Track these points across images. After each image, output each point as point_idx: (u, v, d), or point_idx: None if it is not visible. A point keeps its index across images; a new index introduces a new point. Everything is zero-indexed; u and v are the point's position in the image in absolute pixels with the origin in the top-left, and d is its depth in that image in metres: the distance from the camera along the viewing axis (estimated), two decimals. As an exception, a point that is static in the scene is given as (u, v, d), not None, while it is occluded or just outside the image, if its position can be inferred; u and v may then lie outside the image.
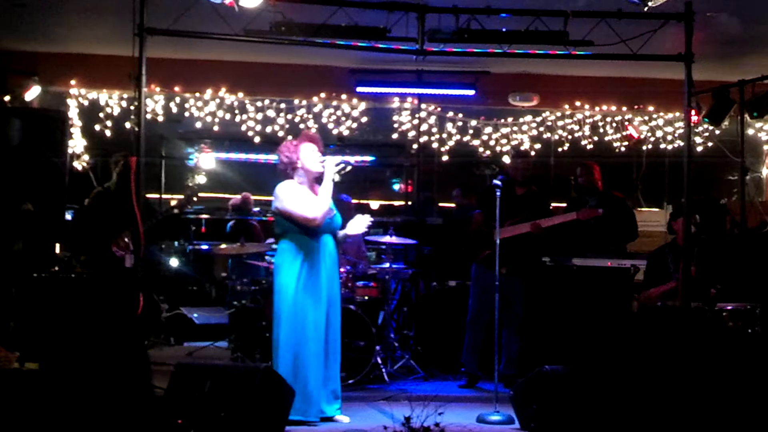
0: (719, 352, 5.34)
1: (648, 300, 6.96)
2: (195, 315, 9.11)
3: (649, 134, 9.72)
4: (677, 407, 4.86)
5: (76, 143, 9.03)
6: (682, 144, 7.37)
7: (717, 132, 8.93)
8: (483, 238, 7.10)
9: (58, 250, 7.69)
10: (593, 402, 5.07)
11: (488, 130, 9.68)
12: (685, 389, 4.92)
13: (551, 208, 7.61)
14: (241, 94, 9.22)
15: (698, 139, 9.34)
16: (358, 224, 6.00)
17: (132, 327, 5.76)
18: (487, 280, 6.82)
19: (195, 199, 7.47)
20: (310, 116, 9.36)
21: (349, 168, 5.77)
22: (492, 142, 9.65)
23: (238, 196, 9.66)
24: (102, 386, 5.00)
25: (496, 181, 6.14)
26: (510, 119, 9.71)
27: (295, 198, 5.65)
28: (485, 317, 6.98)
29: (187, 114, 9.25)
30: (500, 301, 6.04)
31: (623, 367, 5.22)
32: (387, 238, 7.59)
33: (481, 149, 9.66)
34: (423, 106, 9.52)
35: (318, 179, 5.75)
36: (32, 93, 8.20)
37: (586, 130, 9.68)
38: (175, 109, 9.22)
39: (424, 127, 9.56)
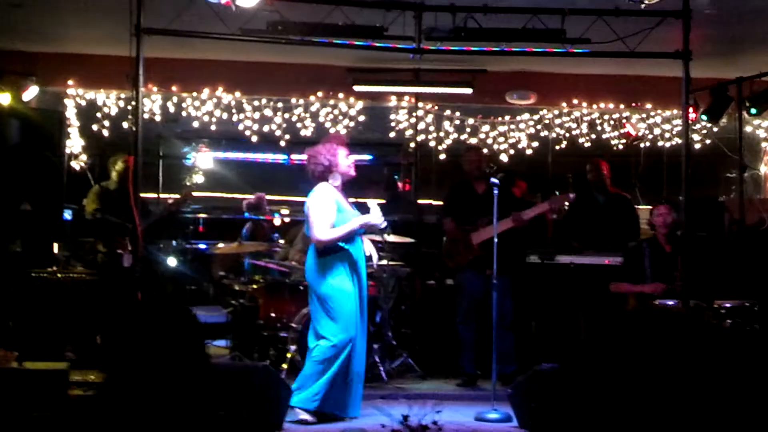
0: (717, 350, 5.33)
1: (619, 292, 6.89)
2: (193, 314, 9.08)
3: (647, 132, 9.71)
4: (677, 405, 4.86)
5: (74, 143, 9.02)
6: (680, 141, 7.38)
7: (715, 129, 8.92)
8: (462, 243, 7.07)
9: (56, 250, 7.70)
10: (592, 400, 5.07)
11: (486, 128, 9.67)
12: (684, 387, 4.92)
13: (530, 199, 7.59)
14: (238, 94, 9.21)
15: (696, 137, 9.32)
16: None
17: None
18: (475, 284, 6.82)
19: (192, 195, 7.46)
20: (308, 115, 9.35)
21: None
22: (489, 141, 9.64)
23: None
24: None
25: (494, 180, 6.12)
26: (507, 117, 9.70)
27: (322, 210, 5.74)
28: (473, 316, 7.00)
29: (184, 113, 9.23)
30: (490, 301, 6.04)
31: (622, 365, 5.22)
32: (384, 237, 7.58)
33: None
34: (420, 104, 9.49)
35: (348, 182, 5.84)
36: (30, 93, 8.19)
37: (584, 128, 9.66)
38: (172, 109, 9.21)
39: (421, 125, 9.54)
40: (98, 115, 9.09)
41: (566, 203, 7.05)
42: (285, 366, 7.02)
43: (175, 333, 4.90)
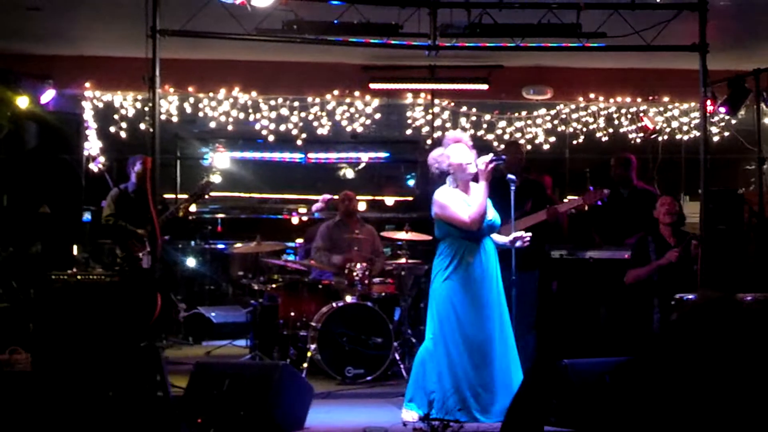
0: (742, 345, 5.29)
1: (635, 279, 6.85)
2: (213, 314, 9.16)
3: (665, 125, 9.66)
4: (698, 399, 4.83)
5: (92, 145, 9.07)
6: (698, 134, 7.34)
7: (733, 122, 8.86)
8: None
9: (75, 252, 7.75)
10: (611, 396, 5.05)
11: (502, 124, 9.65)
12: (706, 382, 4.88)
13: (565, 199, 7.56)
14: (254, 93, 9.23)
15: (714, 129, 9.27)
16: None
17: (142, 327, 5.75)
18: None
19: (209, 186, 7.46)
20: (324, 114, 9.36)
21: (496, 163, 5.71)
22: (506, 137, 9.60)
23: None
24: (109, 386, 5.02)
25: (511, 176, 6.09)
26: (524, 113, 9.67)
27: (451, 202, 5.64)
28: None
29: (201, 114, 9.26)
30: (514, 297, 6.00)
31: (644, 360, 5.19)
32: (402, 234, 7.58)
33: (495, 143, 9.63)
34: (436, 101, 9.49)
35: (475, 177, 5.72)
36: (47, 96, 8.24)
37: (601, 122, 9.62)
38: (189, 110, 9.23)
39: (437, 122, 9.54)
40: (116, 116, 9.14)
41: (601, 199, 7.01)
42: (305, 365, 7.04)
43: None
